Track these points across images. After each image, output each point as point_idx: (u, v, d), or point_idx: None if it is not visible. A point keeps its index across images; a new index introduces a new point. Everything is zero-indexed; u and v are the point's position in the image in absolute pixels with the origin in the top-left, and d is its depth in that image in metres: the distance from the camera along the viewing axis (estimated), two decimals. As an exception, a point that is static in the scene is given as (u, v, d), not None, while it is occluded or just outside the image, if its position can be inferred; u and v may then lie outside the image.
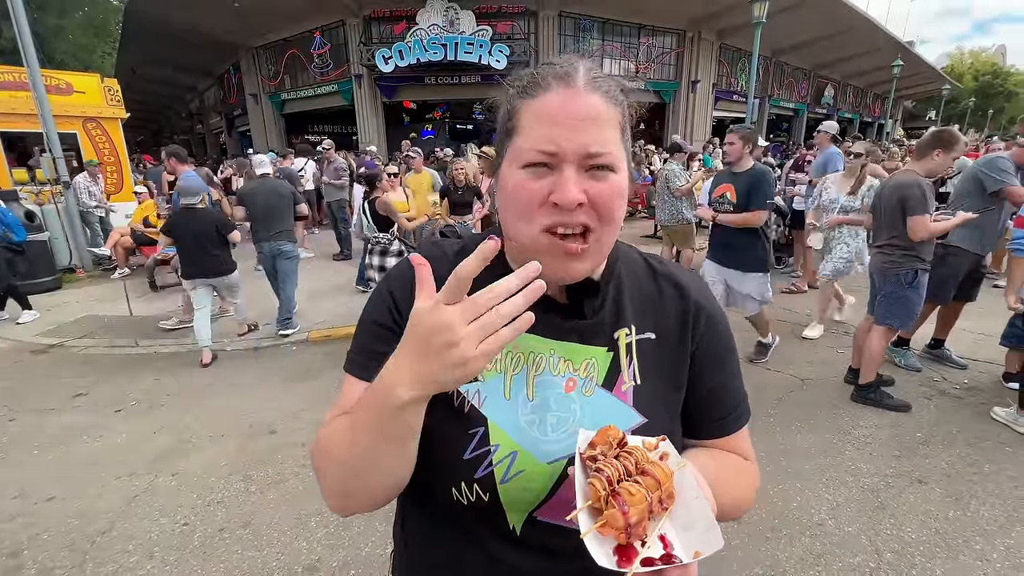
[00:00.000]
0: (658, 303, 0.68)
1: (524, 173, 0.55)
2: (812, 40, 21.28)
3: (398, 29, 15.70)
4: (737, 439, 0.71)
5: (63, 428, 3.30)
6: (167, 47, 19.05)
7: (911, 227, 2.95)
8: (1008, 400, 3.12)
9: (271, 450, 2.99)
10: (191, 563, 2.17)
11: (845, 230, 4.17)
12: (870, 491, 2.48)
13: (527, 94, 0.57)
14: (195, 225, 4.09)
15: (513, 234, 0.60)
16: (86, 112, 8.00)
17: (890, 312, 3.14)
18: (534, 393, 0.62)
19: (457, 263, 0.66)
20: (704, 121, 20.42)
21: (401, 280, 0.66)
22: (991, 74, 48.48)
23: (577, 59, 0.58)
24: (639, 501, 0.48)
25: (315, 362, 4.24)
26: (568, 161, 0.54)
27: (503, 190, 0.59)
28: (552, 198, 0.54)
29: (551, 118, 0.54)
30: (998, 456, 2.72)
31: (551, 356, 0.63)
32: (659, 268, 0.71)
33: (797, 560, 2.09)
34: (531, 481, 0.59)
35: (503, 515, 0.61)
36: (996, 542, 2.14)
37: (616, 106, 0.57)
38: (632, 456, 0.51)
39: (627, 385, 0.63)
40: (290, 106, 19.43)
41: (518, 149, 0.56)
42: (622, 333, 0.64)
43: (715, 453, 0.68)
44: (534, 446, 0.60)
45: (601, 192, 0.55)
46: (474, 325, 0.45)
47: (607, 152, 0.55)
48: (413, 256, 0.47)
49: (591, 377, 0.63)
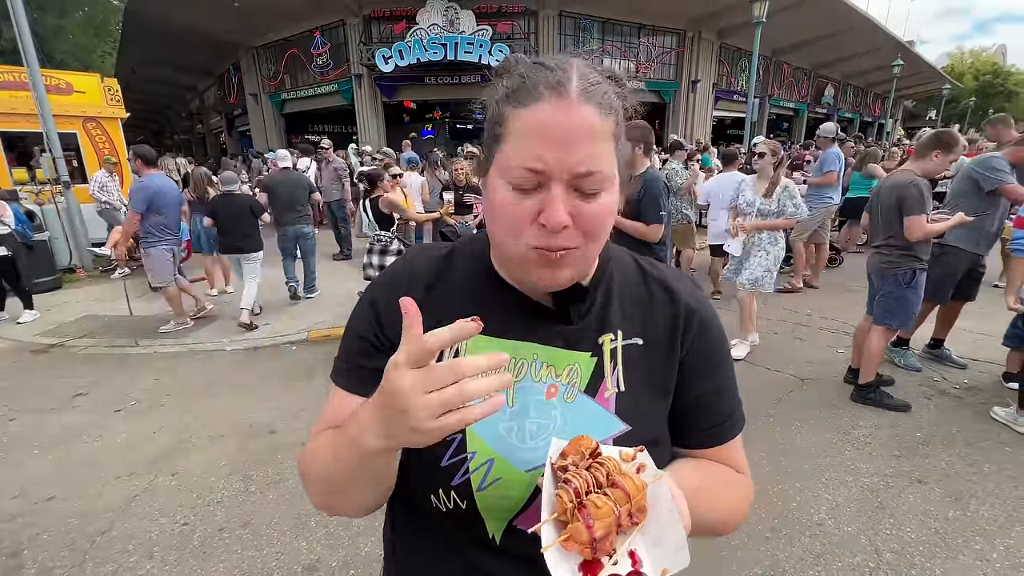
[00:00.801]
0: (647, 308, 0.66)
1: (510, 191, 0.53)
2: (812, 40, 21.28)
3: (398, 29, 15.70)
4: (729, 449, 0.68)
5: (63, 428, 3.30)
6: (167, 47, 19.05)
7: (907, 227, 2.95)
8: (1008, 400, 3.11)
9: (271, 450, 2.99)
10: (191, 563, 2.17)
11: (765, 236, 3.85)
12: (870, 491, 2.48)
13: (517, 102, 0.53)
14: (233, 208, 4.87)
15: (498, 244, 0.59)
16: (86, 112, 7.99)
17: (889, 312, 3.14)
18: (514, 400, 0.61)
19: (443, 267, 0.67)
20: (704, 121, 20.42)
21: (386, 290, 0.66)
22: (991, 74, 48.45)
23: (571, 63, 0.54)
24: (606, 515, 0.46)
25: (315, 362, 4.24)
26: (556, 180, 0.51)
27: (490, 200, 0.57)
28: (540, 219, 0.52)
29: (540, 133, 0.51)
30: (998, 456, 2.72)
31: (533, 362, 0.62)
32: (650, 271, 0.69)
33: (797, 560, 2.09)
34: (509, 489, 0.58)
35: (481, 523, 0.60)
36: (996, 542, 2.14)
37: (610, 115, 0.54)
38: (604, 467, 0.50)
39: (610, 392, 0.61)
40: (290, 106, 19.43)
41: (506, 159, 0.54)
42: (607, 339, 0.63)
43: (703, 464, 0.66)
44: (511, 453, 0.59)
45: (589, 212, 0.53)
46: (435, 396, 0.43)
47: (597, 171, 0.52)
48: (403, 300, 0.46)
49: (573, 383, 0.61)
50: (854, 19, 20.23)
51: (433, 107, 18.49)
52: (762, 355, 4.03)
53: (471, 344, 0.62)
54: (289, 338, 4.69)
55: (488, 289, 0.65)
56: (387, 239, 4.36)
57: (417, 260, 0.69)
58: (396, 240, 4.40)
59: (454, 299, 0.65)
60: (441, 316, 0.64)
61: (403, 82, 16.25)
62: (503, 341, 0.62)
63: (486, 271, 0.65)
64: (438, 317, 0.64)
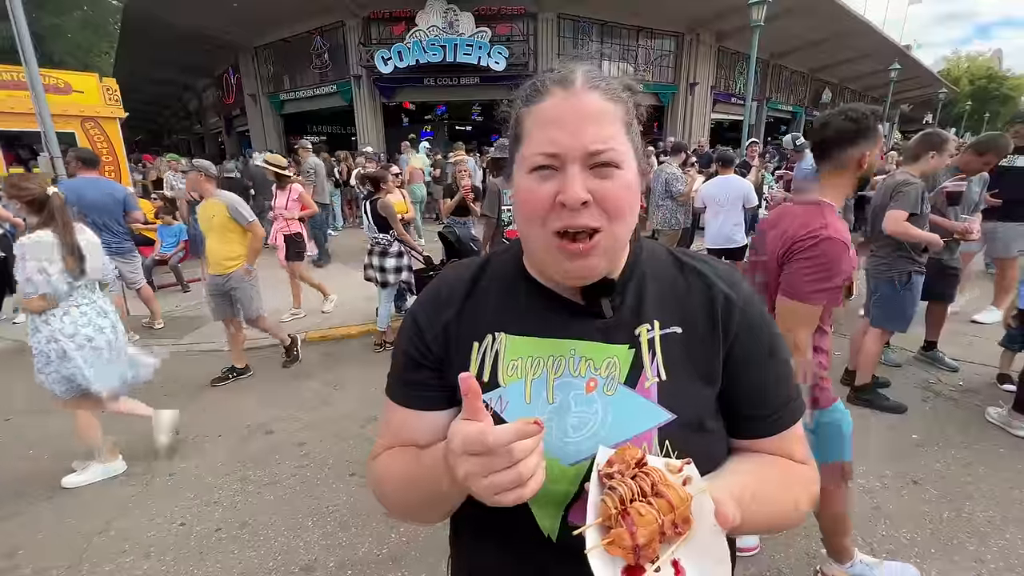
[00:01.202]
0: (685, 297, 0.66)
1: (531, 178, 0.57)
2: (810, 43, 21.36)
3: (397, 30, 15.70)
4: (785, 439, 0.66)
5: (59, 428, 3.28)
6: (166, 47, 19.02)
7: (886, 217, 2.93)
8: (1000, 401, 3.13)
9: (268, 450, 2.99)
10: (188, 563, 2.16)
11: None
12: (866, 492, 2.49)
13: (529, 101, 0.58)
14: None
15: (526, 238, 0.62)
16: (84, 112, 7.97)
17: (885, 314, 3.16)
18: (554, 396, 0.62)
19: (479, 275, 0.71)
20: (702, 124, 20.48)
21: (426, 306, 0.70)
22: (987, 78, 48.73)
23: (577, 64, 0.58)
24: (649, 523, 0.47)
25: (312, 363, 4.24)
26: (571, 160, 0.54)
27: (516, 197, 0.60)
28: (558, 198, 0.54)
29: (552, 120, 0.55)
30: (992, 458, 2.74)
31: (572, 357, 0.63)
32: (686, 261, 0.69)
33: (793, 562, 2.09)
34: (555, 483, 0.59)
35: (534, 522, 0.61)
36: (990, 543, 2.16)
37: (618, 102, 0.57)
38: (649, 477, 0.51)
39: (650, 382, 0.61)
40: (289, 107, 19.40)
41: (524, 155, 0.58)
42: (643, 330, 0.63)
43: (761, 462, 0.65)
44: (555, 449, 0.60)
45: (607, 189, 0.55)
46: (493, 481, 0.47)
47: (609, 148, 0.55)
48: (462, 375, 0.51)
49: (612, 376, 0.62)
50: (851, 23, 20.32)
51: (432, 108, 18.51)
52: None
53: (510, 346, 0.65)
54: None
55: (522, 290, 0.67)
56: (386, 241, 4.36)
57: (449, 275, 0.73)
58: (396, 242, 4.40)
59: (491, 302, 0.68)
60: (480, 319, 0.68)
61: (402, 84, 16.25)
62: (540, 340, 0.64)
63: (520, 274, 0.68)
64: (476, 321, 0.68)
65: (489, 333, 0.65)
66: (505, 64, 15.10)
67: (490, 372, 0.64)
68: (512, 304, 0.66)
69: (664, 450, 0.58)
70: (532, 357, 0.63)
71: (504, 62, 15.10)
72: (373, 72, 15.72)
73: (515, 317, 0.65)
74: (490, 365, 0.64)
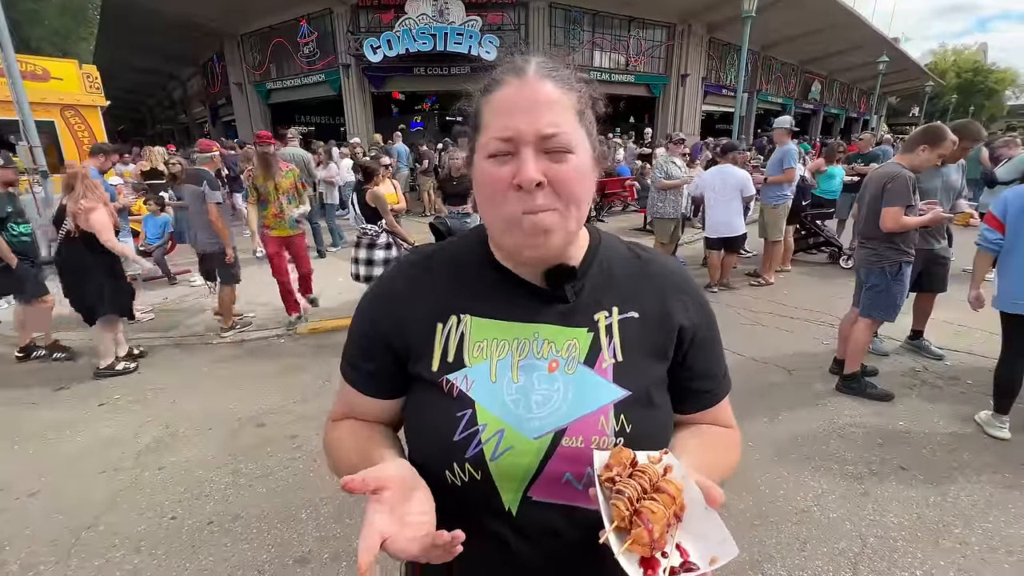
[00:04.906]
0: (641, 285, 0.71)
1: (489, 162, 0.59)
2: (800, 35, 21.43)
3: (387, 18, 15.45)
4: (720, 409, 0.77)
5: (44, 422, 3.23)
6: (148, 34, 18.55)
7: (883, 216, 2.98)
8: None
9: (260, 443, 2.96)
10: (180, 556, 2.14)
11: None
12: (854, 478, 2.54)
13: (487, 91, 0.62)
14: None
15: (488, 221, 0.65)
16: (64, 100, 7.78)
17: (874, 304, 3.20)
18: (519, 376, 0.65)
19: (437, 254, 0.74)
20: (693, 115, 20.51)
21: (381, 295, 0.73)
22: (972, 71, 49.31)
23: (532, 56, 0.62)
24: (660, 518, 0.52)
25: (303, 355, 4.20)
26: (524, 144, 0.57)
27: (476, 183, 0.63)
28: (515, 180, 0.57)
29: (507, 108, 0.59)
30: (976, 444, 2.80)
31: (535, 340, 0.66)
32: (642, 254, 0.76)
33: (783, 546, 2.13)
34: (520, 456, 0.62)
35: (497, 494, 0.63)
36: (975, 526, 2.21)
37: (571, 91, 0.61)
38: (645, 475, 0.55)
39: (607, 363, 0.66)
40: (276, 96, 19.05)
41: (482, 142, 0.61)
42: (602, 316, 0.68)
43: (703, 436, 0.73)
44: (520, 424, 0.63)
45: (560, 172, 0.58)
46: None
47: (561, 132, 0.58)
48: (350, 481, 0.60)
49: (573, 356, 0.66)
50: (841, 15, 20.42)
51: (422, 98, 18.30)
52: (749, 346, 4.09)
53: (476, 328, 0.67)
54: (277, 331, 4.65)
55: (487, 275, 0.70)
56: (373, 233, 4.30)
57: (403, 263, 0.76)
58: (384, 233, 4.35)
59: (443, 284, 0.70)
60: (438, 301, 0.70)
61: (392, 73, 16.02)
62: (505, 323, 0.67)
63: (486, 259, 0.71)
64: (435, 303, 0.70)
65: (454, 314, 0.68)
66: (496, 53, 14.94)
67: (455, 352, 0.67)
68: (478, 288, 0.69)
69: (619, 422, 0.63)
70: (497, 340, 0.67)
71: (495, 51, 14.91)
72: (362, 61, 15.47)
73: (481, 301, 0.68)
74: (455, 345, 0.67)
